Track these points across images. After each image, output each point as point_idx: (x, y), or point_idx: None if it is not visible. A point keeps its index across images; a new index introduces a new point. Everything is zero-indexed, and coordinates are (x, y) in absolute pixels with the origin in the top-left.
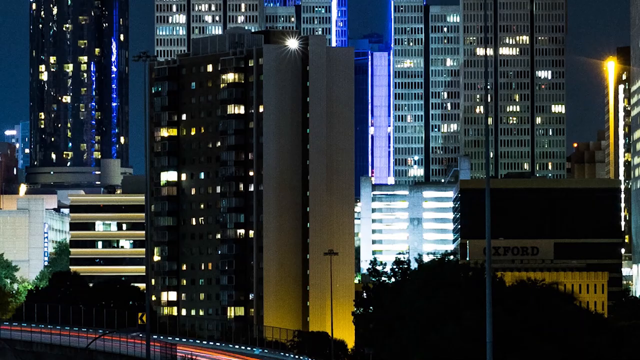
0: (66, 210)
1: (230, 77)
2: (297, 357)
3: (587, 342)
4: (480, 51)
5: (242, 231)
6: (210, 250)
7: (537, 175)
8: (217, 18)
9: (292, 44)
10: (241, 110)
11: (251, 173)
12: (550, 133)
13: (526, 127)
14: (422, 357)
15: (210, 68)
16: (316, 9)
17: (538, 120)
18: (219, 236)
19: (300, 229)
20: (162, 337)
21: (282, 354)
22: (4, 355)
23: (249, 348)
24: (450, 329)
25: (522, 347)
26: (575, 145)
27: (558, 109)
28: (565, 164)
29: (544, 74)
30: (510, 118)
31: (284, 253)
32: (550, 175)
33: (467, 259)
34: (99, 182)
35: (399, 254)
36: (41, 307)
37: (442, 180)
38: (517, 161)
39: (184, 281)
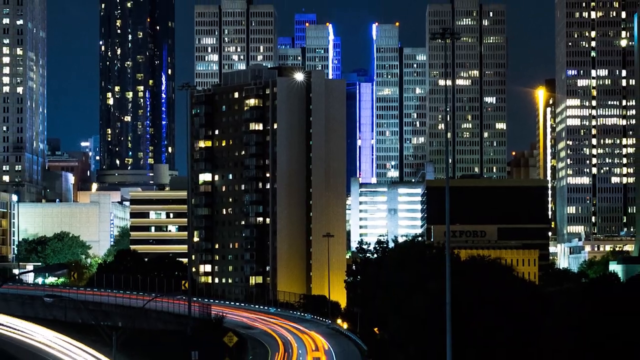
0: (127, 203)
1: (251, 102)
2: (302, 314)
3: (523, 305)
4: (441, 82)
5: (260, 219)
6: (236, 234)
7: (485, 176)
8: (241, 57)
9: (299, 76)
10: (260, 127)
11: (267, 174)
12: (495, 144)
13: (476, 140)
14: (397, 323)
15: (236, 95)
16: (317, 50)
17: (485, 134)
18: (243, 223)
19: (305, 217)
20: (200, 299)
21: (291, 312)
22: (80, 312)
23: (266, 307)
24: (419, 298)
25: (475, 309)
26: (513, 153)
27: (500, 126)
28: (506, 167)
29: (490, 99)
30: (464, 133)
31: (292, 235)
32: (494, 176)
33: (432, 240)
34: (152, 182)
35: (380, 236)
36: (108, 277)
37: (413, 180)
38: (470, 165)
39: (217, 257)
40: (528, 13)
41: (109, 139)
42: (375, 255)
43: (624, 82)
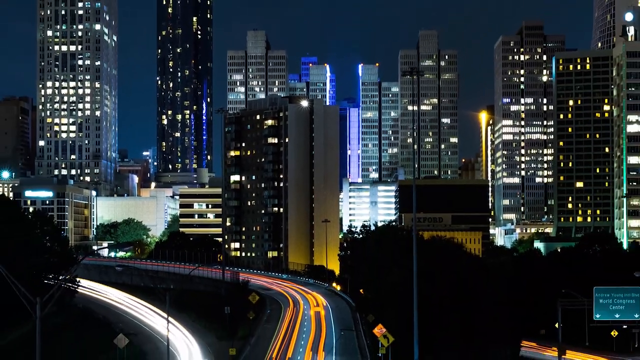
0: (177, 197)
1: (269, 122)
2: (306, 279)
3: (470, 273)
4: (410, 107)
5: (276, 209)
6: (258, 220)
7: (442, 177)
8: (261, 89)
9: (304, 103)
10: (275, 141)
11: (281, 176)
12: (449, 154)
13: (436, 150)
14: (377, 287)
15: (258, 117)
16: (317, 84)
17: (442, 146)
18: (263, 212)
19: (309, 208)
20: (231, 268)
21: (299, 277)
22: (142, 278)
23: (279, 274)
24: (393, 268)
25: (435, 277)
26: (463, 160)
27: (454, 140)
28: (458, 171)
29: (446, 120)
30: (427, 145)
31: (299, 221)
32: (449, 177)
33: (403, 224)
34: (195, 181)
35: (364, 222)
36: (163, 252)
37: (389, 180)
38: (431, 169)
39: (243, 237)
40: (474, 56)
41: (164, 150)
42: (361, 236)
43: (545, 108)
